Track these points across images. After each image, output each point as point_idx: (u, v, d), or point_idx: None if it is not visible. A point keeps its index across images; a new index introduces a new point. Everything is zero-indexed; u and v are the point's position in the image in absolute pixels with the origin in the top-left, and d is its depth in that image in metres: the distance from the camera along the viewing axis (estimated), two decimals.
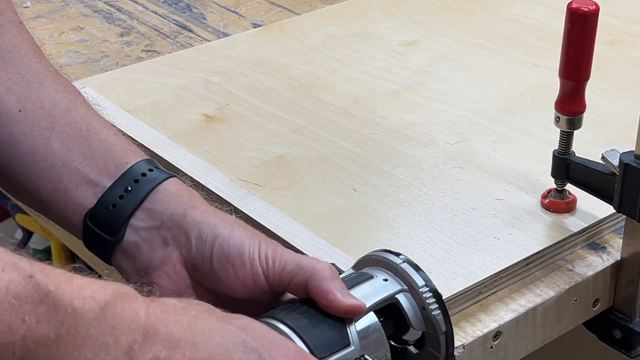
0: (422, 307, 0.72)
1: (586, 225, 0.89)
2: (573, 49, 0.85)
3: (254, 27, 1.30)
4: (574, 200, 0.92)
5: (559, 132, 0.90)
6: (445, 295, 0.81)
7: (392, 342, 0.73)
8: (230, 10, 1.37)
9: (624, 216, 0.86)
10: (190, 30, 1.31)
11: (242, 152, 1.00)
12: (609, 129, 1.04)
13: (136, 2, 1.40)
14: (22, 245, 1.73)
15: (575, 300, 0.87)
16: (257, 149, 1.01)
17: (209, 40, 1.27)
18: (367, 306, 0.70)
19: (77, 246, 1.12)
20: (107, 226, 0.75)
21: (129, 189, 0.75)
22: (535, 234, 0.88)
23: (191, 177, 0.95)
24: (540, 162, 0.98)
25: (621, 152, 0.84)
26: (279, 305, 0.72)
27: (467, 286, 0.82)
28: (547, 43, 1.22)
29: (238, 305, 0.70)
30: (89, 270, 0.62)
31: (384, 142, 1.02)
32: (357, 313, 0.70)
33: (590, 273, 0.87)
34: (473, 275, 0.83)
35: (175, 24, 1.33)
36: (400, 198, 0.94)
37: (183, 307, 0.64)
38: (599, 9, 0.84)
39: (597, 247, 0.90)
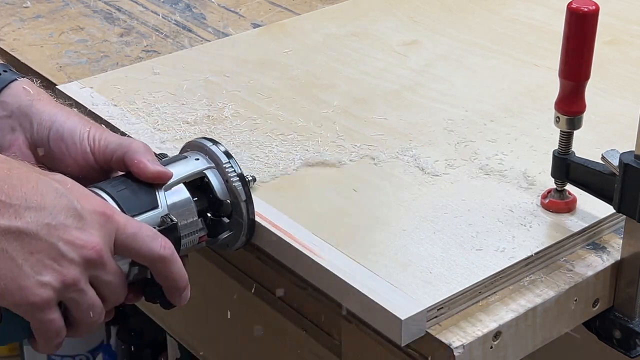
0: (226, 180, 0.86)
1: (586, 225, 0.89)
2: (573, 49, 0.85)
3: (254, 27, 1.30)
4: (574, 200, 0.92)
5: (559, 132, 0.90)
6: (445, 295, 0.81)
7: (210, 216, 0.86)
8: (230, 10, 1.37)
9: (624, 216, 0.86)
10: (190, 30, 1.31)
11: (242, 152, 1.00)
12: (609, 129, 1.04)
13: (136, 2, 1.40)
14: None
15: (575, 300, 0.87)
16: (257, 149, 1.01)
17: (209, 40, 1.27)
18: (178, 178, 0.84)
19: None
20: None
21: None
22: (535, 234, 0.88)
23: None
24: (540, 162, 0.98)
25: (621, 152, 0.84)
26: None
27: (467, 286, 0.82)
28: (547, 43, 1.22)
29: None
30: None
31: (385, 142, 1.02)
32: (164, 179, 0.83)
33: (590, 273, 0.87)
34: (473, 275, 0.83)
35: (175, 24, 1.33)
36: (400, 198, 0.94)
37: (5, 159, 0.76)
38: (599, 9, 0.84)
39: (597, 247, 0.90)
